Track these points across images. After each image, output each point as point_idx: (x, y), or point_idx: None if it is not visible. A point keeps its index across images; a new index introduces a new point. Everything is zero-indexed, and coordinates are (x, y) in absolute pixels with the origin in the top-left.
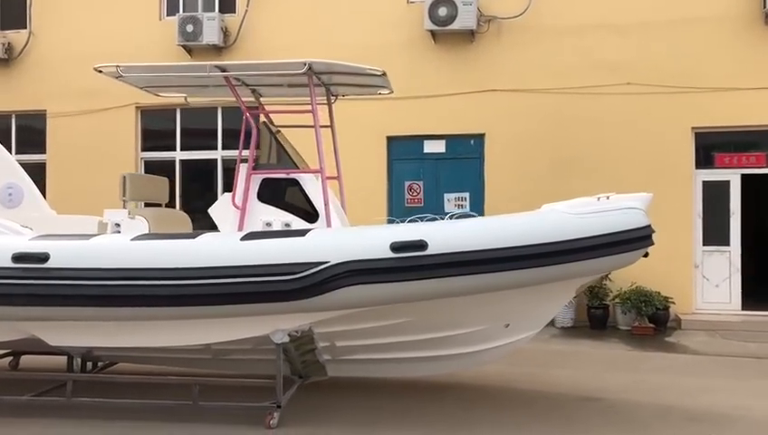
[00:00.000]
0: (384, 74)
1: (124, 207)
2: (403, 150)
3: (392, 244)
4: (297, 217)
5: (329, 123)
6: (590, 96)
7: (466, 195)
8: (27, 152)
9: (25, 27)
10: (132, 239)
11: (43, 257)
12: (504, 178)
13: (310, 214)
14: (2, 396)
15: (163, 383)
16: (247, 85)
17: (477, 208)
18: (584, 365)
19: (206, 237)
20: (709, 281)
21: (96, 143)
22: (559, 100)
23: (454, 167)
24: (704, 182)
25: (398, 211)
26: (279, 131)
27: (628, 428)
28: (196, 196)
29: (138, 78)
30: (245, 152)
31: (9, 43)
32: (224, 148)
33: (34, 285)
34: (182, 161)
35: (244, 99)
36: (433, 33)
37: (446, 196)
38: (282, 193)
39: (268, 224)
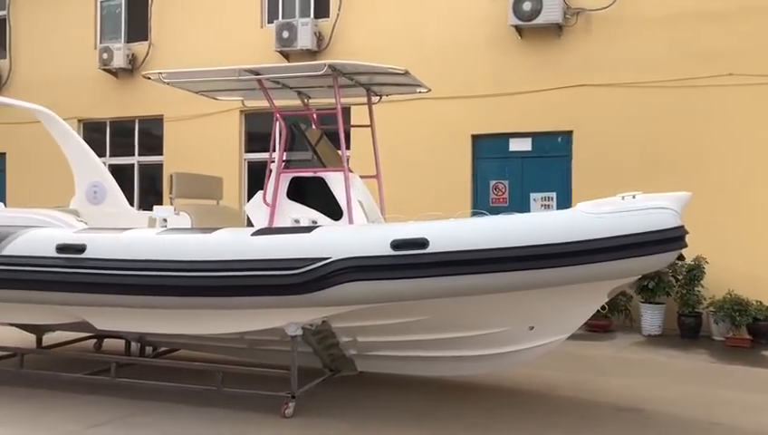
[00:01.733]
0: (406, 73)
1: (171, 204)
2: (488, 149)
3: (393, 241)
4: (323, 214)
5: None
6: (687, 89)
7: (553, 194)
8: (148, 154)
9: (146, 39)
10: (157, 233)
11: (81, 248)
12: (593, 177)
13: (335, 211)
14: (61, 373)
15: (194, 369)
16: (291, 88)
17: (565, 208)
18: (648, 375)
19: (221, 233)
20: None
21: (205, 145)
22: (652, 94)
23: (540, 165)
24: None
25: (483, 211)
26: (322, 134)
27: None
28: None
29: (184, 83)
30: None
31: (133, 55)
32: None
33: (73, 273)
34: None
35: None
36: (519, 29)
37: (533, 195)
38: (309, 191)
39: (296, 220)
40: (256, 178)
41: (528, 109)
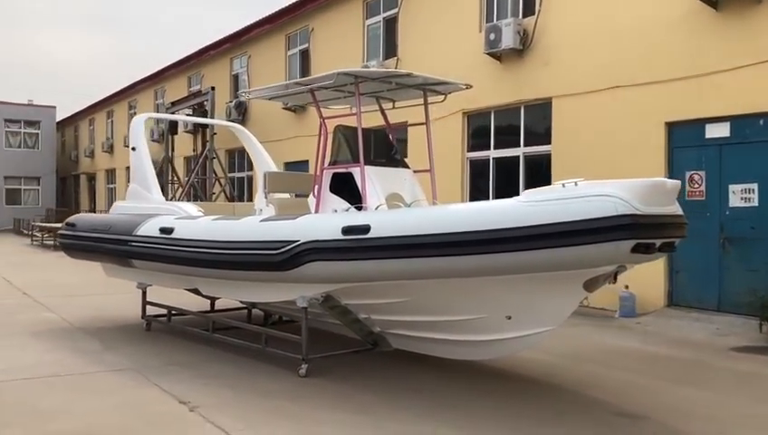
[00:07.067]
0: (410, 75)
1: (266, 198)
2: (683, 137)
3: (343, 227)
4: (351, 204)
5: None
6: None
7: (755, 186)
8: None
9: (395, 55)
10: (212, 220)
11: (170, 230)
12: None
13: (359, 201)
14: (187, 327)
15: (247, 331)
16: (362, 94)
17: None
18: (724, 388)
19: (245, 219)
20: None
21: (435, 145)
22: None
23: (740, 153)
24: None
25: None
26: (365, 135)
27: None
28: (503, 190)
29: (263, 97)
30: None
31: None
32: (525, 145)
33: (165, 248)
34: (494, 159)
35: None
36: (712, 2)
37: (731, 187)
38: (343, 185)
39: (335, 211)
40: (479, 175)
41: (726, 90)
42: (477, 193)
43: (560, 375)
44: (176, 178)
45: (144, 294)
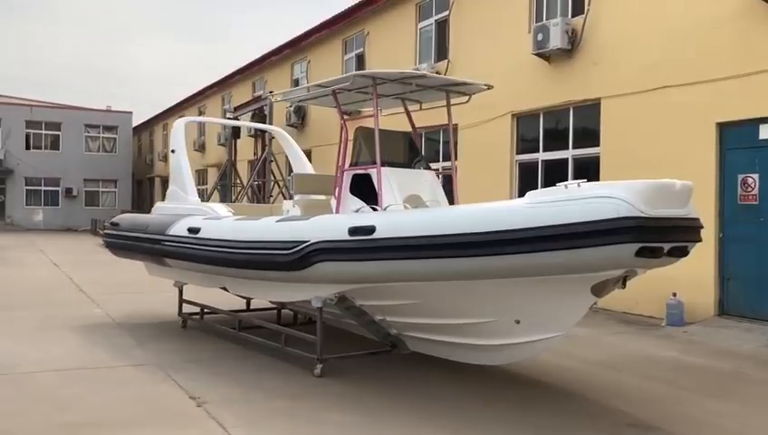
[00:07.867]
0: (425, 75)
1: (292, 198)
2: (735, 138)
3: (350, 228)
4: (369, 205)
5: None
6: None
7: None
8: (435, 160)
9: (446, 58)
10: (235, 220)
11: (197, 230)
12: None
13: (376, 202)
14: (216, 325)
15: (267, 329)
16: (386, 96)
17: None
18: (753, 402)
19: (263, 220)
20: None
21: (483, 148)
22: None
23: None
24: None
25: (729, 210)
26: (398, 134)
27: None
28: None
29: (291, 99)
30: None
31: (436, 72)
32: (574, 147)
33: (192, 247)
34: (543, 161)
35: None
36: None
37: None
38: (363, 186)
39: (354, 211)
40: (528, 178)
41: None
42: None
43: (585, 383)
44: (238, 181)
45: (180, 292)
